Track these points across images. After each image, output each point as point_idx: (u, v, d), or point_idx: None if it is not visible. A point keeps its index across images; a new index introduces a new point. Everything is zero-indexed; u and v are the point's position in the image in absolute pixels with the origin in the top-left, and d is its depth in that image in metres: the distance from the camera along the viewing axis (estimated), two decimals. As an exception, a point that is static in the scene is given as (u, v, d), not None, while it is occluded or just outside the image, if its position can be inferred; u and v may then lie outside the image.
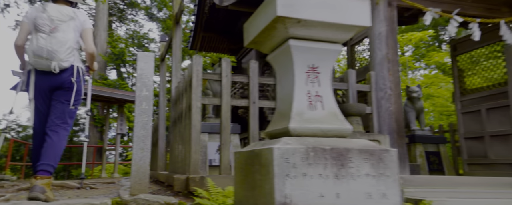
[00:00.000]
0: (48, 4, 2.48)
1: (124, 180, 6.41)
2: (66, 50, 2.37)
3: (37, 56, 2.33)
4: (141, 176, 2.61)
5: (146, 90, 2.74)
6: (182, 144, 3.33)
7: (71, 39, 2.42)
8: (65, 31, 2.39)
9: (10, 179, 5.85)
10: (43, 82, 2.42)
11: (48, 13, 2.39)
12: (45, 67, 2.36)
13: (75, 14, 2.50)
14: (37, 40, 2.34)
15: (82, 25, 2.53)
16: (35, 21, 2.38)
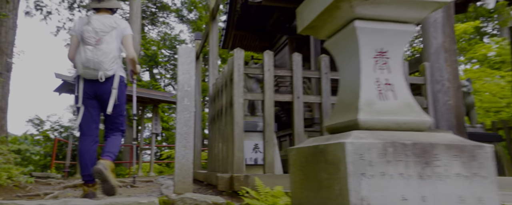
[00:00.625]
0: (92, 16, 2.61)
1: (161, 179, 6.46)
2: (110, 60, 2.52)
3: (86, 67, 2.49)
4: (184, 174, 2.52)
5: (187, 86, 2.66)
6: (222, 142, 3.22)
7: (114, 49, 2.57)
8: (108, 42, 2.54)
9: (55, 177, 6.08)
10: (90, 89, 2.58)
11: (92, 26, 2.53)
12: (92, 77, 2.52)
13: (116, 24, 2.62)
14: (84, 52, 2.50)
15: (122, 33, 2.65)
16: (82, 34, 2.54)
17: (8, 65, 6.26)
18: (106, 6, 2.69)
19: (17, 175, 3.13)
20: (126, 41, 2.67)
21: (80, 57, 2.51)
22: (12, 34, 6.37)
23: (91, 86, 2.57)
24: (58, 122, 18.70)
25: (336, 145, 1.17)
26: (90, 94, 2.58)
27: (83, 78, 2.56)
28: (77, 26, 2.64)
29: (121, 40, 2.65)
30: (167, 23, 21.98)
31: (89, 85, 2.56)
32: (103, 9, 2.69)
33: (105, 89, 2.59)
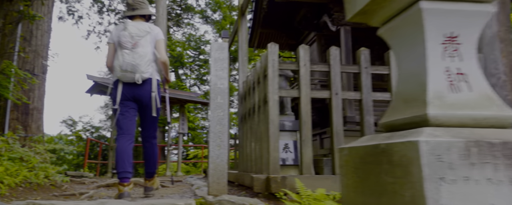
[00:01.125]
0: (128, 22, 2.76)
1: (189, 178, 6.46)
2: (146, 63, 2.63)
3: (123, 70, 2.60)
4: (219, 175, 2.42)
5: (220, 83, 2.56)
6: (255, 141, 3.10)
7: (149, 52, 2.68)
8: (144, 45, 2.66)
9: (88, 176, 6.22)
10: (128, 92, 2.69)
11: (128, 31, 2.66)
12: (130, 79, 2.63)
13: (150, 28, 2.75)
14: (122, 56, 2.61)
15: (155, 37, 2.77)
16: (119, 39, 2.66)
17: (44, 67, 6.48)
18: (140, 13, 2.81)
19: (53, 174, 3.17)
20: (159, 45, 2.77)
21: (117, 61, 2.63)
22: (47, 37, 6.58)
23: (129, 89, 2.67)
24: (90, 122, 19.41)
25: (404, 144, 1.01)
26: (128, 96, 2.68)
27: (121, 81, 2.67)
28: (113, 34, 2.78)
29: (154, 45, 2.76)
30: (191, 24, 22.25)
31: (127, 88, 2.67)
32: (138, 17, 2.82)
33: (143, 92, 2.69)
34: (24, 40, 6.12)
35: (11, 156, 2.71)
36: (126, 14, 2.85)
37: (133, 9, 2.81)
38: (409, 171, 0.99)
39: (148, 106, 2.72)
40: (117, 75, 2.64)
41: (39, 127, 6.20)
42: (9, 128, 5.70)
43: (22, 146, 4.93)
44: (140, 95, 2.69)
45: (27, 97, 6.00)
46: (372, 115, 2.64)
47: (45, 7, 6.52)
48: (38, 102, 6.23)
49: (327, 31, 6.88)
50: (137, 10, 2.81)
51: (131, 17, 2.83)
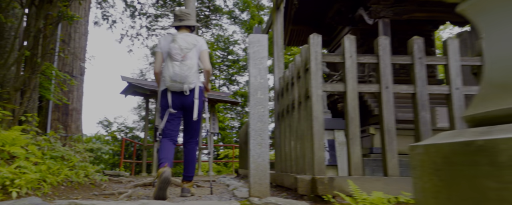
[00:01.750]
0: (177, 35, 2.89)
1: (222, 178, 6.39)
2: (193, 74, 2.82)
3: (173, 81, 2.78)
4: (261, 175, 2.27)
5: (260, 77, 2.41)
6: (295, 139, 2.93)
7: (195, 64, 2.86)
8: (191, 57, 2.83)
9: (124, 175, 6.33)
10: (175, 100, 2.86)
11: (178, 44, 2.81)
12: (178, 89, 2.81)
13: (196, 41, 2.91)
14: (172, 67, 2.78)
15: (200, 48, 2.93)
16: (169, 51, 2.81)
17: (82, 69, 6.68)
18: (186, 24, 2.98)
19: (92, 173, 3.17)
20: (203, 55, 2.94)
21: (168, 72, 2.78)
22: (84, 39, 6.78)
23: (176, 98, 2.86)
24: (124, 123, 20.07)
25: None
26: (175, 104, 2.86)
27: (169, 91, 2.85)
28: (162, 44, 2.93)
29: (198, 55, 2.92)
30: (220, 25, 22.43)
31: (175, 96, 2.85)
32: (183, 27, 2.99)
33: (188, 100, 2.88)
34: (63, 43, 6.33)
35: (53, 155, 2.73)
36: (174, 25, 3.01)
37: (180, 20, 2.98)
38: (526, 174, 0.78)
39: (193, 112, 2.88)
40: (166, 84, 2.81)
41: (78, 127, 6.39)
42: (50, 128, 5.91)
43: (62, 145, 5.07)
44: (186, 103, 2.87)
45: (67, 98, 6.20)
46: (428, 110, 2.38)
47: (82, 11, 6.72)
48: (77, 103, 6.43)
49: (363, 25, 6.57)
50: (184, 21, 2.97)
51: (177, 28, 3.01)
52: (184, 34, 2.90)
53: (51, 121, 5.96)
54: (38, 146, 2.72)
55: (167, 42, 2.89)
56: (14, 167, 1.90)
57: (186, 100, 2.86)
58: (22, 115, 2.90)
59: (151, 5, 23.81)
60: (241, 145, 8.41)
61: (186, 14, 3.00)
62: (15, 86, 3.11)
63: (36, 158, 2.35)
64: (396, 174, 2.29)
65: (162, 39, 2.97)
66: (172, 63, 2.78)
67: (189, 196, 2.85)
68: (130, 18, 21.50)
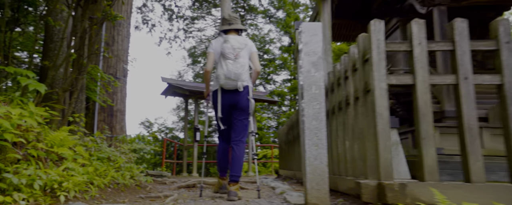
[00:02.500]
0: (228, 36, 3.02)
1: (264, 179, 6.20)
2: (245, 72, 2.93)
3: (227, 78, 2.88)
4: (318, 180, 2.03)
5: (315, 70, 2.17)
6: (351, 139, 2.65)
7: (247, 63, 2.97)
8: (243, 56, 2.95)
9: (167, 176, 6.36)
10: (227, 99, 2.96)
11: (231, 43, 2.94)
12: (232, 87, 2.91)
13: (246, 42, 3.05)
14: (226, 66, 2.89)
15: (250, 50, 3.06)
16: (222, 51, 2.94)
17: (125, 70, 6.82)
18: (235, 27, 3.10)
19: (138, 175, 3.12)
20: (253, 56, 3.07)
21: (222, 70, 2.90)
22: (126, 42, 6.93)
23: (228, 96, 2.95)
24: (164, 124, 20.67)
25: None
26: (227, 103, 2.96)
27: (221, 89, 2.96)
28: (214, 45, 3.07)
29: (249, 56, 3.04)
30: (255, 25, 22.36)
31: (227, 95, 2.96)
32: (232, 31, 3.11)
33: (240, 98, 2.96)
34: (107, 45, 6.50)
35: (100, 156, 2.70)
36: (223, 28, 3.13)
37: (230, 24, 3.11)
38: None
39: (243, 111, 2.99)
40: (220, 83, 2.92)
41: (122, 128, 6.53)
42: (97, 129, 6.08)
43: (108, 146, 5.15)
44: (237, 101, 2.96)
45: (111, 99, 6.36)
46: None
47: (124, 13, 6.87)
48: (120, 104, 6.57)
49: (413, 15, 6.02)
50: (233, 25, 3.11)
51: (225, 31, 3.12)
52: (235, 36, 3.05)
53: (97, 122, 6.13)
54: (85, 147, 2.70)
55: (219, 43, 3.04)
56: (61, 169, 1.82)
57: (237, 98, 2.95)
58: (70, 116, 2.91)
59: (187, 7, 24.35)
60: (281, 145, 8.17)
61: (235, 18, 3.15)
62: (64, 87, 3.14)
63: (84, 159, 2.30)
64: (481, 180, 1.93)
65: (214, 41, 3.12)
66: (225, 62, 2.90)
67: (237, 200, 2.73)
68: (168, 21, 22.14)
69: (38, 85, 1.93)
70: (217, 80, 2.94)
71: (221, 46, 2.97)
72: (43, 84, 1.98)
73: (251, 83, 3.07)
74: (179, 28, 23.59)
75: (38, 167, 1.77)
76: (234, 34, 3.10)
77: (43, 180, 1.63)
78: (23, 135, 1.68)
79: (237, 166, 2.93)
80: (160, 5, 22.17)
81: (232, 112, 3.00)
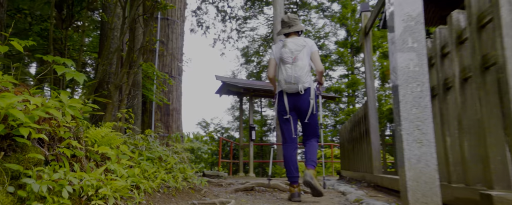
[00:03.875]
0: (286, 40, 3.00)
1: (326, 181, 5.61)
2: (305, 74, 2.89)
3: (288, 82, 2.89)
4: (424, 190, 1.47)
5: (412, 41, 1.61)
6: (458, 134, 2.00)
7: (307, 64, 2.93)
8: (302, 58, 2.91)
9: (223, 176, 6.11)
10: (291, 102, 2.96)
11: (288, 47, 2.93)
12: (293, 90, 2.92)
13: (305, 42, 2.99)
14: (285, 70, 2.90)
15: (311, 49, 3.01)
16: (281, 56, 2.95)
17: (179, 69, 6.74)
18: (294, 30, 3.08)
19: (191, 176, 2.81)
20: (314, 56, 3.00)
21: (282, 75, 2.92)
22: (180, 40, 6.85)
23: (291, 99, 2.94)
24: (220, 124, 20.94)
25: None
26: (291, 106, 2.96)
27: (285, 92, 2.96)
28: (274, 50, 3.09)
29: (310, 56, 2.99)
30: (309, 20, 21.60)
31: (290, 98, 2.95)
32: (292, 33, 3.09)
33: (304, 100, 2.93)
34: (161, 44, 6.46)
35: (150, 156, 2.43)
36: (283, 32, 3.10)
37: (289, 27, 3.08)
38: None
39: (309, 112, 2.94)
40: (282, 87, 2.94)
41: (178, 127, 6.43)
42: (154, 128, 6.04)
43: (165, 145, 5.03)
44: (301, 103, 2.94)
45: (167, 98, 6.29)
46: None
47: (177, 11, 6.79)
48: (176, 103, 6.48)
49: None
50: (293, 27, 3.08)
51: (286, 35, 3.10)
52: (293, 38, 3.01)
53: (154, 121, 6.09)
54: (135, 145, 2.46)
55: (278, 48, 3.04)
56: (100, 172, 1.52)
57: (301, 100, 2.92)
58: (118, 112, 2.71)
59: (240, 7, 24.44)
60: (344, 143, 7.47)
61: (294, 19, 3.10)
62: (115, 82, 2.96)
63: (129, 160, 2.03)
64: None
65: (274, 46, 3.13)
66: (284, 67, 2.90)
67: (312, 182, 2.69)
68: (221, 22, 22.44)
69: (77, 75, 1.66)
70: (280, 85, 2.97)
71: (280, 51, 2.97)
72: (82, 74, 1.71)
73: (313, 84, 3.02)
74: (232, 28, 23.77)
75: (73, 170, 1.49)
76: (294, 36, 3.07)
77: (74, 186, 1.33)
78: (52, 131, 1.41)
79: (312, 154, 2.89)
80: (213, 7, 22.57)
81: (298, 114, 2.99)
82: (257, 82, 10.61)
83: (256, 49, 23.62)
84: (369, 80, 4.43)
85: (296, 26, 3.09)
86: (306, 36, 19.36)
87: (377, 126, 4.29)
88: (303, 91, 2.88)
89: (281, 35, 3.13)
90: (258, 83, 10.07)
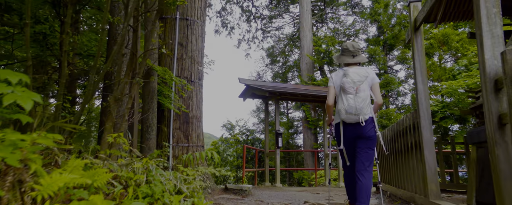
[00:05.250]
0: (348, 70, 2.97)
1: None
2: (367, 106, 2.91)
3: (349, 113, 2.88)
4: None
5: None
6: None
7: (368, 96, 2.95)
8: (364, 90, 2.92)
9: (247, 190, 5.53)
10: (350, 132, 2.94)
11: (350, 78, 2.91)
12: (353, 121, 2.90)
13: (367, 73, 2.98)
14: (347, 100, 2.89)
15: (372, 81, 3.01)
16: (342, 85, 2.92)
17: (200, 73, 6.22)
18: (358, 61, 3.04)
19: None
20: (375, 88, 3.00)
21: (342, 105, 2.90)
22: (201, 41, 6.34)
23: (351, 129, 2.93)
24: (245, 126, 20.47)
25: None
26: (350, 136, 2.95)
27: (343, 123, 2.95)
28: (334, 79, 3.06)
29: (370, 87, 2.99)
30: (337, 18, 20.62)
31: (349, 128, 2.93)
32: (353, 63, 3.05)
33: (363, 131, 2.90)
34: (180, 46, 5.98)
35: (146, 192, 1.86)
36: (346, 61, 3.04)
37: (353, 56, 3.03)
38: None
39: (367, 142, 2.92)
40: (341, 117, 2.92)
41: (198, 136, 5.92)
42: (173, 138, 5.57)
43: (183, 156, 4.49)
44: (360, 134, 2.91)
45: (186, 105, 5.80)
46: None
47: (198, 10, 6.29)
48: (196, 110, 5.97)
49: None
50: (357, 57, 3.04)
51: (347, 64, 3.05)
52: (355, 68, 2.99)
53: (173, 130, 5.61)
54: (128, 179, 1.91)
55: (339, 77, 3.02)
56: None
57: (361, 131, 2.91)
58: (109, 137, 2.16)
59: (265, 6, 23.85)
60: (381, 152, 6.66)
61: (358, 50, 3.06)
62: (115, 95, 2.44)
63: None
64: None
65: (334, 74, 3.09)
66: (346, 96, 2.89)
67: None
68: (246, 22, 21.98)
69: (22, 98, 1.11)
70: (338, 114, 2.96)
71: (341, 80, 2.95)
72: (35, 94, 1.17)
73: (374, 115, 3.00)
74: (257, 28, 23.23)
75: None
76: (355, 66, 3.03)
77: None
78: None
79: (364, 196, 2.80)
80: (238, 7, 22.15)
81: (355, 144, 2.97)
82: (283, 85, 9.95)
83: (282, 49, 22.92)
84: (421, 84, 3.66)
85: (360, 57, 3.06)
86: (335, 34, 18.41)
87: (432, 140, 3.53)
88: (364, 122, 2.86)
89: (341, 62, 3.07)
90: (284, 86, 9.41)
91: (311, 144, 15.18)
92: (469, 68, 11.87)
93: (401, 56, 15.41)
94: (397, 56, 16.09)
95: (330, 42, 15.81)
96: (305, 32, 15.98)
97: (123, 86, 2.44)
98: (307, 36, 15.95)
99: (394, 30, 14.99)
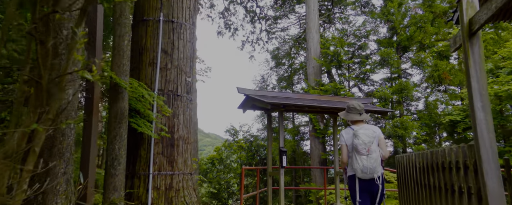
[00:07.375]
0: (357, 130, 3.32)
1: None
2: (379, 164, 3.28)
3: (363, 173, 3.25)
4: None
5: None
6: None
7: (379, 155, 3.31)
8: (375, 150, 3.28)
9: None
10: (364, 186, 3.32)
11: (361, 139, 3.25)
12: (368, 177, 3.29)
13: (374, 133, 3.34)
14: (361, 161, 3.25)
15: (378, 138, 3.38)
16: (355, 146, 3.28)
17: (188, 85, 5.22)
18: (364, 118, 3.46)
19: None
20: (381, 143, 3.40)
21: (357, 165, 3.25)
22: (190, 47, 5.31)
23: (365, 184, 3.32)
24: (249, 131, 19.45)
25: None
26: (364, 189, 3.32)
27: (358, 178, 3.32)
28: (344, 138, 3.45)
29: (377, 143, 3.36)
30: (346, 18, 19.50)
31: (364, 183, 3.32)
32: (360, 121, 3.47)
33: (375, 185, 3.29)
34: (164, 53, 4.98)
35: None
36: (353, 118, 3.43)
37: (360, 114, 3.44)
38: None
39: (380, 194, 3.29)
40: (358, 175, 3.28)
41: (186, 161, 4.91)
42: (154, 165, 4.57)
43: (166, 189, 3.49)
44: (374, 188, 3.30)
45: (171, 124, 4.80)
46: None
47: (186, 11, 5.29)
48: (183, 130, 4.96)
49: None
50: (363, 115, 3.45)
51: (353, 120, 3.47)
52: (363, 128, 3.33)
53: (154, 155, 4.61)
54: None
55: (349, 136, 3.37)
56: None
57: (374, 186, 3.28)
58: None
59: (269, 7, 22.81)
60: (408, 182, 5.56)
61: (363, 109, 3.47)
62: (5, 150, 1.44)
63: None
64: None
65: (344, 133, 3.45)
66: (360, 157, 3.23)
67: None
68: (250, 23, 20.97)
69: None
70: (354, 170, 3.28)
71: (353, 140, 3.28)
72: None
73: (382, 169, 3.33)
74: (261, 29, 22.19)
75: None
76: (362, 123, 3.43)
77: None
78: None
79: None
80: (241, 8, 21.17)
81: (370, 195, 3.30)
82: (288, 94, 8.88)
83: (287, 51, 21.87)
84: (480, 112, 2.60)
85: (365, 115, 3.45)
86: (344, 36, 17.29)
87: (502, 194, 2.45)
88: (378, 180, 3.24)
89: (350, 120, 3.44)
90: (289, 96, 8.35)
91: (318, 153, 14.11)
92: (495, 73, 10.67)
93: (416, 59, 14.24)
94: (411, 58, 14.91)
95: (339, 44, 14.70)
96: (312, 33, 14.90)
97: (21, 135, 1.46)
98: (313, 38, 14.88)
99: (409, 31, 13.84)
